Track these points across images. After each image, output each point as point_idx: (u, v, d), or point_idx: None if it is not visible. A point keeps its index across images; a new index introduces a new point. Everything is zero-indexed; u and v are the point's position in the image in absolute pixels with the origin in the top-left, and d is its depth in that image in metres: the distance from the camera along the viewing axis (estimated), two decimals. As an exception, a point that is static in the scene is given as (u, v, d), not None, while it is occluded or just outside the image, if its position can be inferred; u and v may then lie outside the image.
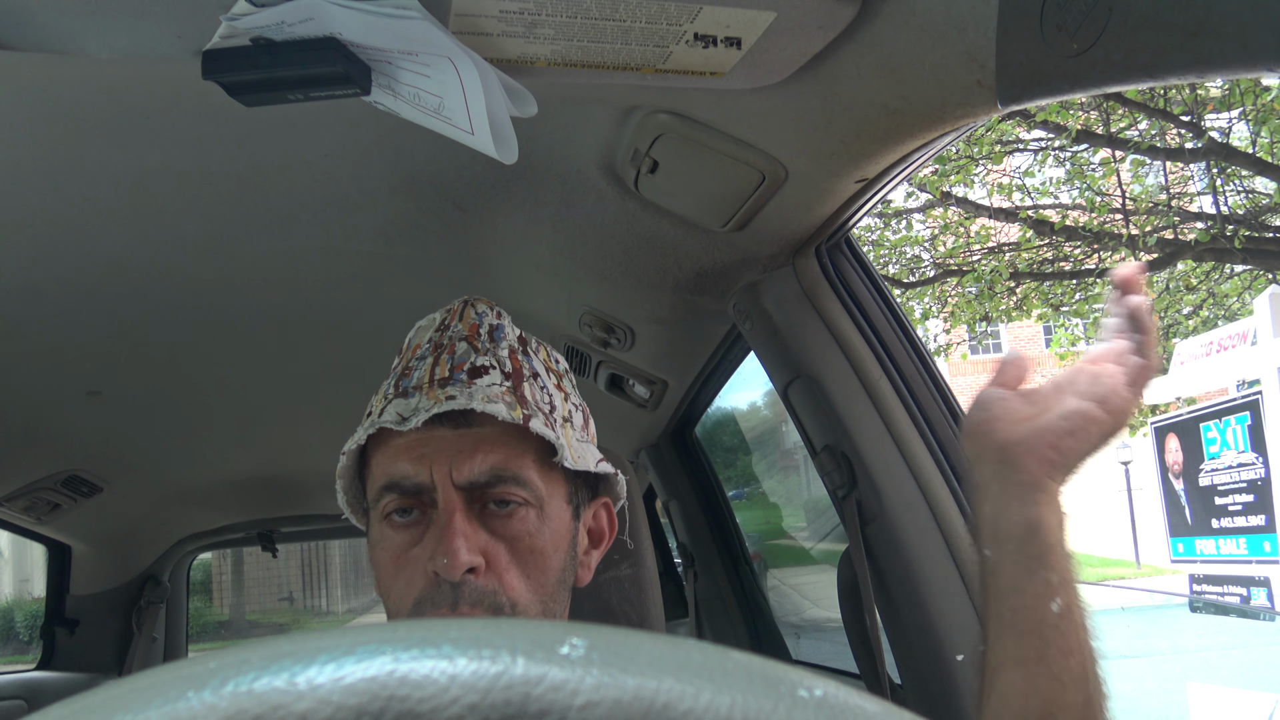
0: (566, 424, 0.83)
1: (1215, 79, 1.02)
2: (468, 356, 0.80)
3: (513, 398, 0.78)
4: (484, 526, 0.78)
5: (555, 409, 0.82)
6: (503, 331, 0.84)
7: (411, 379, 0.80)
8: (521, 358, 0.82)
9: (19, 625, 9.58)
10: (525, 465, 0.78)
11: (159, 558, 3.00)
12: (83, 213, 1.20)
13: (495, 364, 0.80)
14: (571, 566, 0.85)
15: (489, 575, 0.76)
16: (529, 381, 0.81)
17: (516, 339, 0.84)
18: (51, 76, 0.88)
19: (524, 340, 0.85)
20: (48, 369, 1.78)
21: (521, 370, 0.81)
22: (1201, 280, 8.12)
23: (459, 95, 0.77)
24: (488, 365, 0.79)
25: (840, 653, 1.58)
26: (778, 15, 0.75)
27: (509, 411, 0.75)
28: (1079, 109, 6.45)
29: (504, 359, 0.81)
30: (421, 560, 0.76)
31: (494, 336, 0.82)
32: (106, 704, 0.21)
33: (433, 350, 0.82)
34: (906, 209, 8.11)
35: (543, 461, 0.79)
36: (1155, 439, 5.55)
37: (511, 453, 0.78)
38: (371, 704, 0.20)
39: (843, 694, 0.22)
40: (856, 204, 1.09)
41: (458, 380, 0.78)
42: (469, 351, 0.80)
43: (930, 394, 1.20)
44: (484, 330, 0.83)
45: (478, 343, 0.81)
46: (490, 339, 0.82)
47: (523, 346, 0.84)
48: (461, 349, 0.81)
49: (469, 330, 0.83)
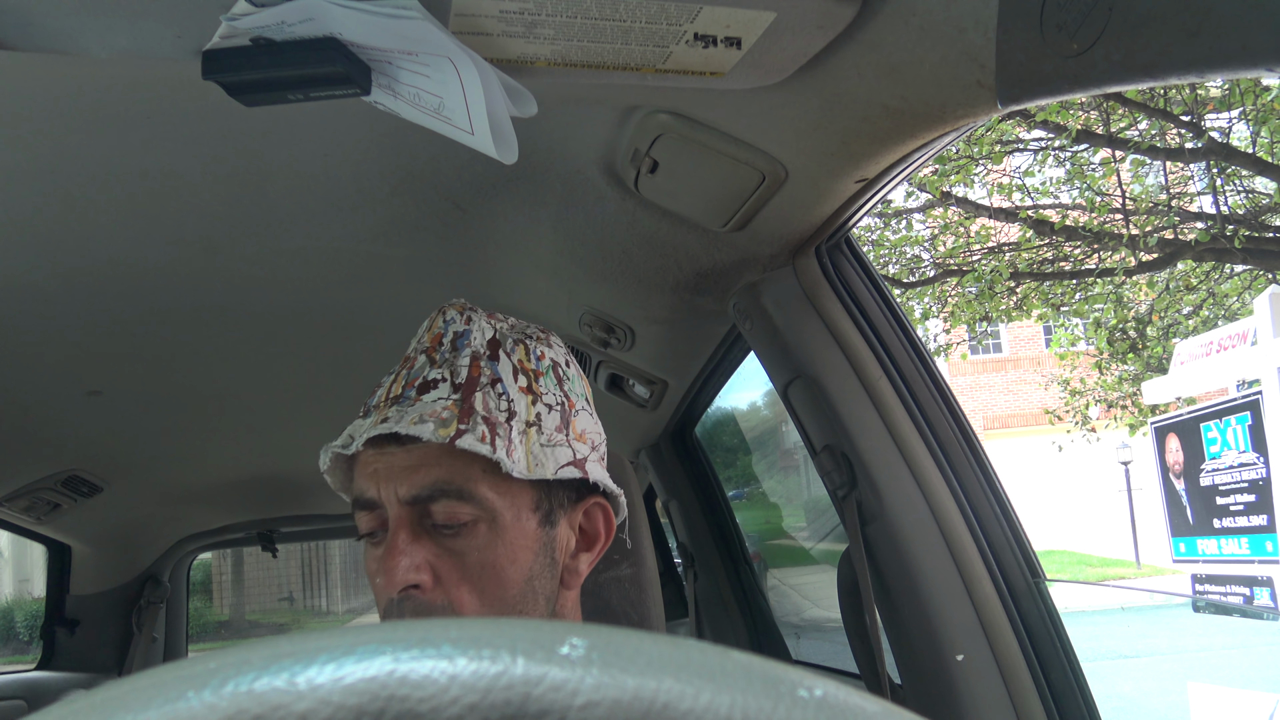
0: (531, 429, 0.80)
1: (1215, 79, 1.02)
2: (422, 371, 0.81)
3: (454, 411, 0.77)
4: (435, 543, 0.78)
5: (516, 414, 0.80)
6: (467, 338, 0.83)
7: (375, 397, 0.83)
8: (485, 364, 0.81)
9: (19, 625, 9.57)
10: (471, 479, 0.78)
11: (159, 558, 3.00)
12: (83, 213, 1.20)
13: (448, 376, 0.80)
14: (547, 574, 0.83)
15: (437, 591, 0.77)
16: (485, 390, 0.79)
17: (486, 343, 0.83)
18: (51, 76, 0.88)
19: (497, 343, 0.83)
20: (48, 369, 1.78)
21: (478, 379, 0.80)
22: (1201, 280, 8.12)
23: (459, 95, 0.77)
24: (438, 379, 0.80)
25: (840, 653, 1.58)
26: (778, 15, 0.75)
27: (435, 430, 0.75)
28: (1079, 109, 6.44)
29: (461, 368, 0.80)
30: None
31: (456, 345, 0.82)
32: (106, 704, 0.21)
33: (401, 364, 0.84)
34: (906, 209, 8.11)
35: (494, 472, 0.78)
36: (1155, 439, 5.54)
37: (455, 466, 0.78)
38: (371, 704, 0.20)
39: (843, 694, 0.22)
40: (856, 204, 1.09)
41: (406, 398, 0.79)
42: (425, 365, 0.81)
43: (930, 394, 1.20)
44: (446, 340, 0.83)
45: (436, 354, 0.82)
46: (452, 348, 0.82)
47: (491, 351, 0.82)
48: (419, 363, 0.82)
49: (431, 341, 0.83)
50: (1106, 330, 8.49)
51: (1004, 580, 1.13)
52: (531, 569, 0.81)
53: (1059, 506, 14.05)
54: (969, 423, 1.21)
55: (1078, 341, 9.48)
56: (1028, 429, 15.68)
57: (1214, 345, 5.24)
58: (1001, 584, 1.13)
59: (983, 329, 8.62)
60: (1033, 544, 1.18)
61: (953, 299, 8.05)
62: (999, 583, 1.13)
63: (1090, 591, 9.88)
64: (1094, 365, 9.64)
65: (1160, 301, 8.31)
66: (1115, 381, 9.67)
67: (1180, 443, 5.32)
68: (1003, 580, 1.13)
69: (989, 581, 1.12)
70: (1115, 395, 9.95)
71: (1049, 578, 1.16)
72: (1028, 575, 1.15)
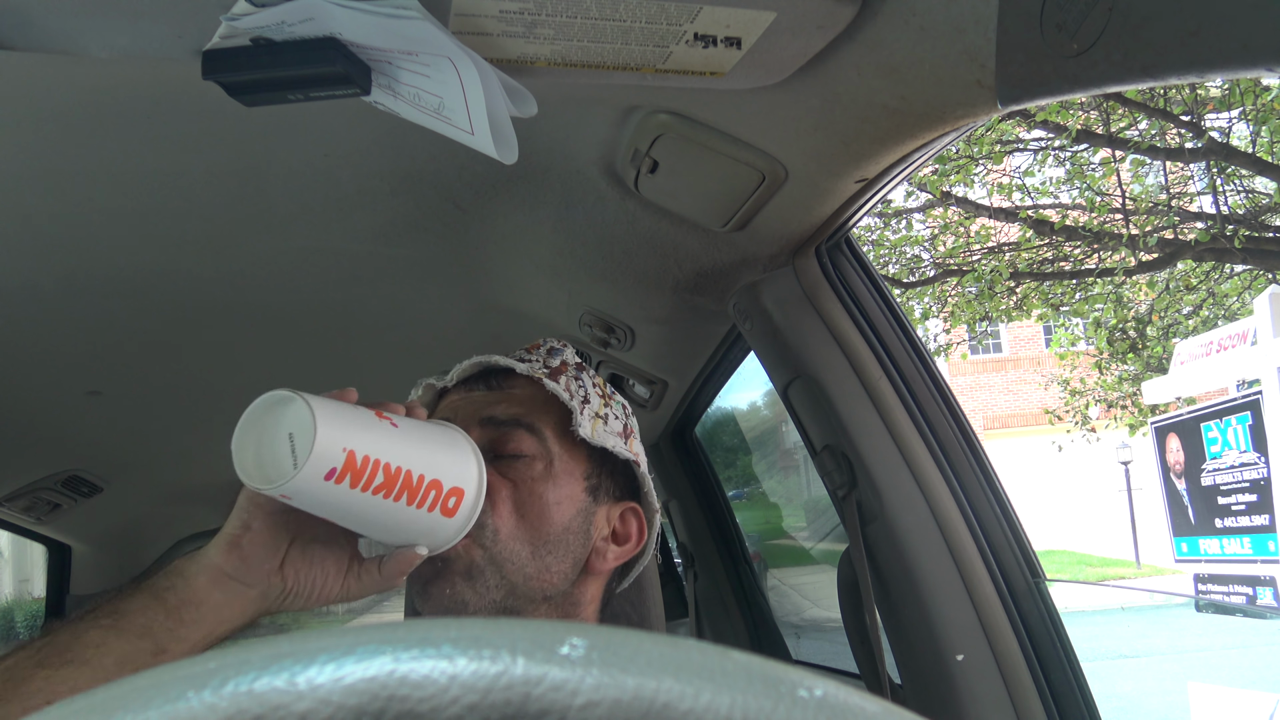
0: (598, 419, 0.89)
1: (1215, 79, 1.02)
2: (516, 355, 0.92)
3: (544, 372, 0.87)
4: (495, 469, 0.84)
5: (590, 403, 0.89)
6: (561, 353, 0.94)
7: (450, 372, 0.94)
8: (573, 370, 0.92)
9: (19, 625, 9.57)
10: (543, 422, 0.87)
11: (159, 558, 3.00)
12: (83, 213, 1.20)
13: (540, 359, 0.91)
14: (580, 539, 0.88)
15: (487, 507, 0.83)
16: (569, 377, 0.89)
17: (575, 361, 0.94)
18: (51, 76, 0.88)
19: (583, 365, 0.95)
20: (48, 369, 1.78)
21: (565, 371, 0.90)
22: (1201, 280, 8.12)
23: (459, 95, 0.77)
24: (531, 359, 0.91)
25: (840, 653, 1.58)
26: (778, 15, 0.75)
27: (528, 368, 0.86)
28: (1079, 109, 6.44)
29: (553, 365, 0.91)
30: None
31: (550, 353, 0.93)
32: (106, 704, 0.21)
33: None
34: (906, 209, 8.11)
35: (562, 429, 0.87)
36: (1156, 439, 5.55)
37: (534, 408, 0.87)
38: (371, 704, 0.20)
39: (843, 694, 0.22)
40: (856, 204, 1.09)
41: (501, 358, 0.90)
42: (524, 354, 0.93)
43: (930, 394, 1.20)
44: (543, 349, 0.94)
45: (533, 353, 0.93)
46: (547, 353, 0.93)
47: (578, 366, 0.93)
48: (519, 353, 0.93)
49: (529, 347, 0.95)
50: (1106, 330, 8.49)
51: (1004, 580, 1.13)
52: (571, 523, 0.87)
53: (1059, 506, 14.05)
54: (969, 423, 1.21)
55: (1078, 341, 9.49)
56: (1028, 429, 15.68)
57: (1214, 345, 5.24)
58: (1001, 584, 1.13)
59: (983, 329, 8.62)
60: (1033, 544, 1.18)
61: (953, 299, 8.05)
62: (999, 583, 1.13)
63: (1090, 591, 9.88)
64: (1094, 365, 9.64)
65: (1160, 301, 8.32)
66: (1115, 381, 9.67)
67: (1181, 443, 5.32)
68: (1003, 580, 1.13)
69: (989, 581, 1.12)
70: (1115, 395, 9.96)
71: (1049, 578, 1.16)
72: (1028, 575, 1.15)
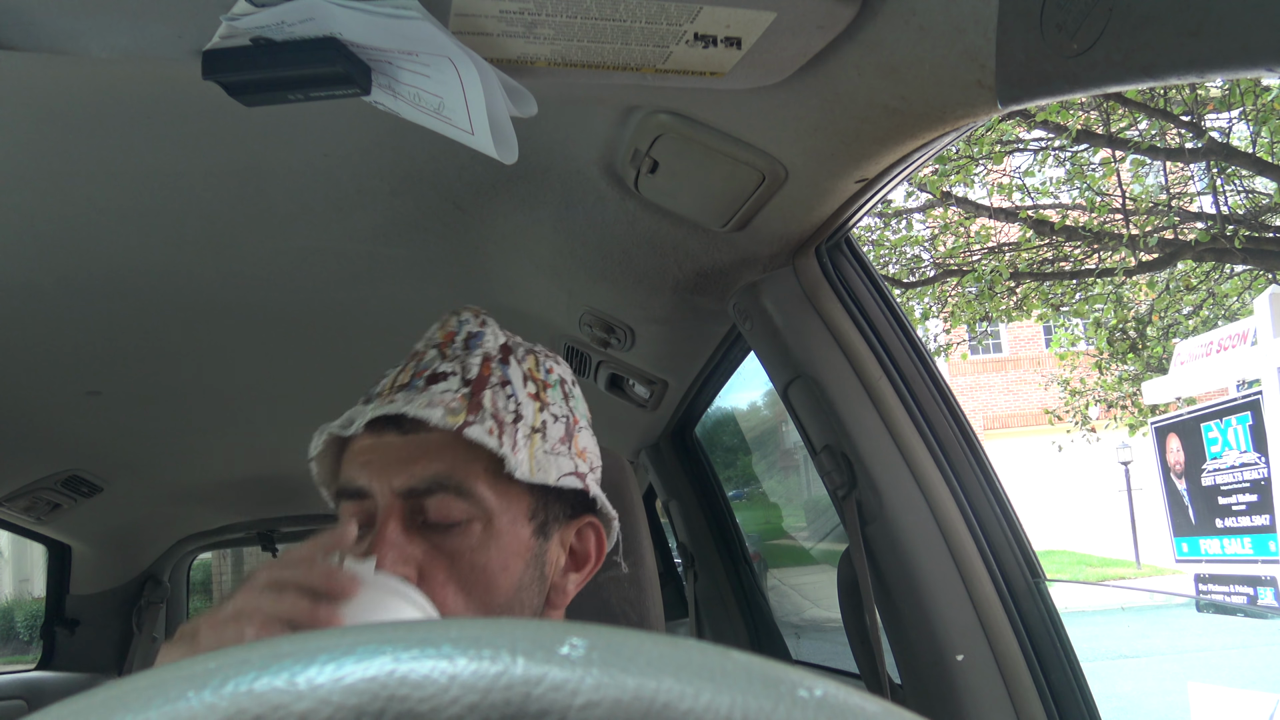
0: (536, 434, 0.78)
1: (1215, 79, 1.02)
2: (432, 364, 0.79)
3: (463, 403, 0.75)
4: (425, 540, 0.75)
5: (523, 418, 0.78)
6: (480, 339, 0.81)
7: (378, 386, 0.80)
8: (496, 365, 0.79)
9: (19, 625, 9.57)
10: (472, 475, 0.75)
11: (159, 558, 3.00)
12: (83, 212, 1.20)
13: (458, 370, 0.78)
14: (536, 587, 0.80)
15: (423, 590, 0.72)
16: (494, 389, 0.77)
17: (498, 347, 0.82)
18: (51, 76, 0.88)
19: (509, 349, 0.82)
20: (48, 369, 1.78)
21: (488, 378, 0.78)
22: (1201, 280, 8.12)
23: (459, 95, 0.77)
24: (448, 371, 0.77)
25: (840, 653, 1.58)
26: (778, 15, 0.75)
27: (445, 416, 0.72)
28: (1079, 109, 6.44)
29: (472, 365, 0.78)
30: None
31: (469, 344, 0.81)
32: (106, 704, 0.21)
33: (409, 358, 0.81)
34: (906, 209, 8.11)
35: (495, 473, 0.75)
36: (1156, 439, 5.54)
37: (457, 460, 0.75)
38: (371, 704, 0.20)
39: (843, 694, 0.22)
40: (856, 204, 1.09)
41: (413, 386, 0.76)
42: (436, 358, 0.79)
43: (930, 394, 1.20)
44: (459, 338, 0.81)
45: (448, 350, 0.80)
46: (464, 346, 0.80)
47: (503, 355, 0.81)
48: (430, 356, 0.80)
49: (444, 338, 0.82)
50: (1106, 330, 8.49)
51: (1004, 580, 1.13)
52: (521, 579, 0.78)
53: (1059, 506, 14.04)
54: (969, 423, 1.21)
55: (1078, 341, 9.48)
56: (1028, 429, 15.68)
57: (1214, 345, 5.23)
58: (1001, 584, 1.13)
59: (983, 329, 8.62)
60: (1033, 544, 1.18)
61: (953, 299, 8.05)
62: (999, 583, 1.13)
63: (1090, 591, 9.88)
64: (1094, 365, 9.64)
65: (1160, 301, 8.31)
66: (1115, 381, 9.67)
67: (1181, 443, 5.32)
68: (1003, 580, 1.13)
69: (989, 581, 1.12)
70: (1115, 395, 9.96)
71: (1049, 578, 1.16)
72: (1028, 575, 1.15)
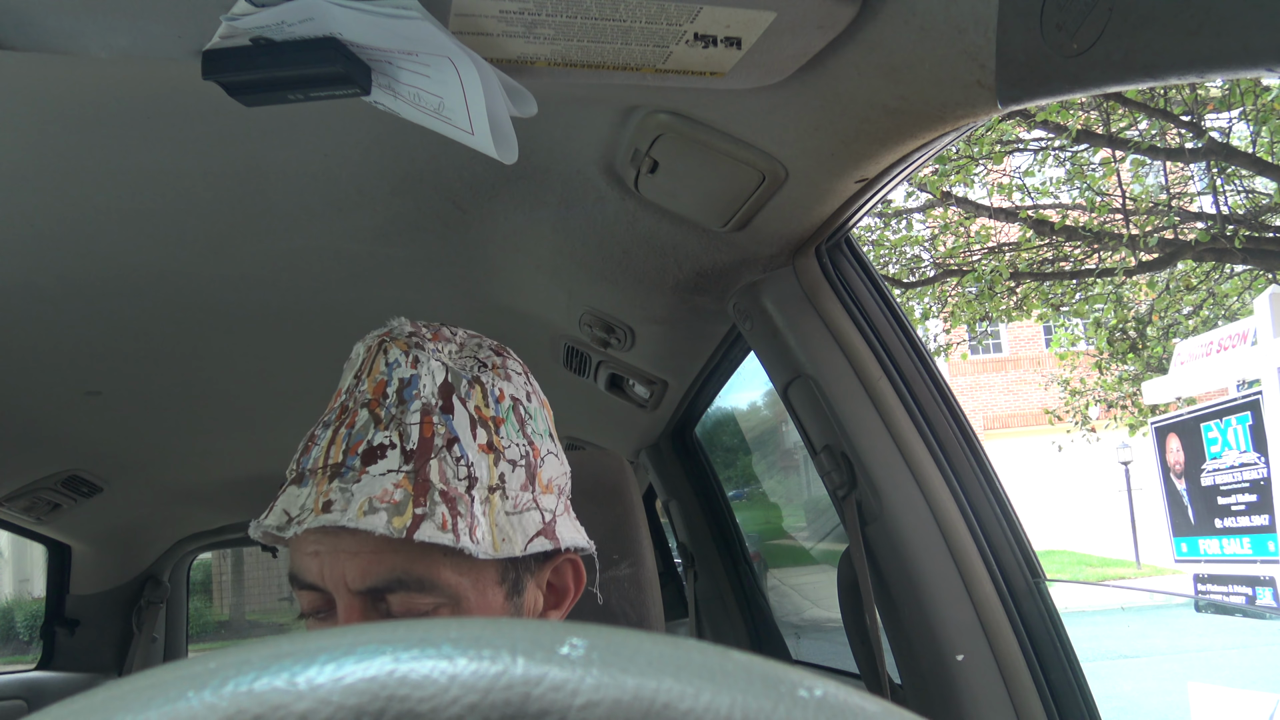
0: (495, 493, 0.72)
1: (1215, 79, 1.02)
2: (365, 432, 0.70)
3: (408, 490, 0.68)
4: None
5: (477, 480, 0.71)
6: (415, 386, 0.72)
7: (309, 457, 0.73)
8: (438, 418, 0.71)
9: (19, 625, 9.58)
10: (432, 566, 0.69)
11: (159, 558, 3.00)
12: (83, 213, 1.20)
13: (396, 440, 0.70)
14: None
15: None
16: (440, 457, 0.70)
17: (437, 390, 0.72)
18: (51, 76, 0.88)
19: (449, 388, 0.73)
20: (48, 369, 1.78)
21: (431, 440, 0.70)
22: (1201, 280, 8.12)
23: (459, 95, 0.77)
24: (385, 443, 0.70)
25: (840, 653, 1.58)
26: (778, 15, 0.75)
27: (390, 521, 0.66)
28: (1079, 109, 6.45)
29: (411, 428, 0.70)
30: None
31: (403, 396, 0.71)
32: (106, 704, 0.21)
33: (338, 415, 0.74)
34: (906, 209, 8.11)
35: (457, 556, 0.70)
36: (1156, 439, 5.55)
37: (414, 557, 0.69)
38: (371, 704, 0.20)
39: (843, 694, 0.22)
40: (856, 204, 1.09)
41: (349, 469, 0.69)
42: (368, 424, 0.71)
43: (930, 394, 1.20)
44: (392, 391, 0.72)
45: (380, 409, 0.71)
46: (398, 400, 0.71)
47: (444, 400, 0.72)
48: (362, 419, 0.71)
49: (374, 391, 0.72)
50: (1106, 330, 8.49)
51: (1004, 580, 1.13)
52: None
53: (1059, 506, 14.05)
54: (969, 423, 1.21)
55: (1078, 341, 9.49)
56: (1028, 429, 15.68)
57: (1214, 345, 5.24)
58: (1001, 584, 1.13)
59: (983, 329, 8.62)
60: (1033, 544, 1.18)
61: (953, 299, 8.06)
62: (999, 583, 1.13)
63: (1090, 591, 9.88)
64: (1094, 365, 9.64)
65: (1160, 301, 8.31)
66: (1115, 381, 9.67)
67: (1181, 443, 5.32)
68: (1003, 580, 1.13)
69: (989, 581, 1.12)
70: (1115, 395, 9.96)
71: (1049, 578, 1.16)
72: (1028, 575, 1.15)
